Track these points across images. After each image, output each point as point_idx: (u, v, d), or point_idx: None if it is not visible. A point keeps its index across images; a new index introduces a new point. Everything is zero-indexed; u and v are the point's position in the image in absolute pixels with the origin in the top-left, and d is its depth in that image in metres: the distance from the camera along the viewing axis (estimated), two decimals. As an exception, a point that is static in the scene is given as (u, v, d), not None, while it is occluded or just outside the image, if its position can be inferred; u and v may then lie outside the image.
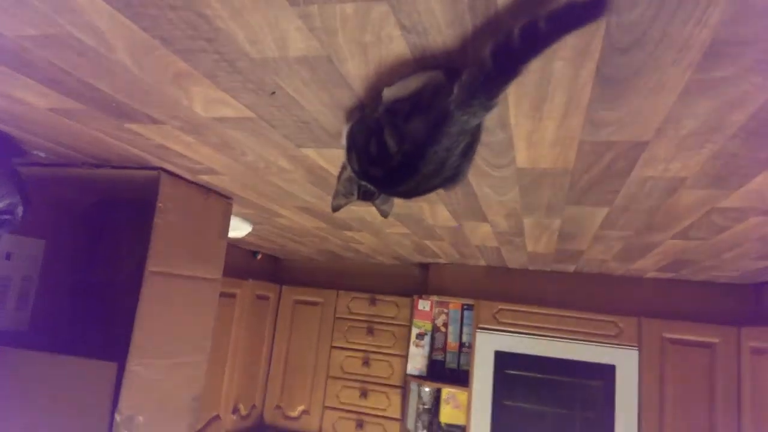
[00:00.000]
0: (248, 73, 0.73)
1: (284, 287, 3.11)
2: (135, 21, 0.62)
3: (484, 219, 1.56)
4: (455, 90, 0.58)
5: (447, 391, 2.53)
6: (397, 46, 0.62)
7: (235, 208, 1.71)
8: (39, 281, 1.47)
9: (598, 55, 0.60)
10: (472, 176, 1.13)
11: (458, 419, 2.51)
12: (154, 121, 0.97)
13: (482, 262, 2.67)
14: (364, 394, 2.83)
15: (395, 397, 2.76)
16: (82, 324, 1.38)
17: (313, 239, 2.37)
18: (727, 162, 0.90)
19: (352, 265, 3.21)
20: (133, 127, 1.01)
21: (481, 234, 1.82)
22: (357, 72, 0.70)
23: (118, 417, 1.19)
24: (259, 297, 2.90)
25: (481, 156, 0.99)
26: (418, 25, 0.57)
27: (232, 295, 2.65)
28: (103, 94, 0.85)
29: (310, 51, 0.65)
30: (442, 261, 2.77)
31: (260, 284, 2.89)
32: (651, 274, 2.45)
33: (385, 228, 1.90)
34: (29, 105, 0.95)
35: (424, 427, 2.55)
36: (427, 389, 2.57)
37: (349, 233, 2.10)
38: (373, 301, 2.94)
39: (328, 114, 0.85)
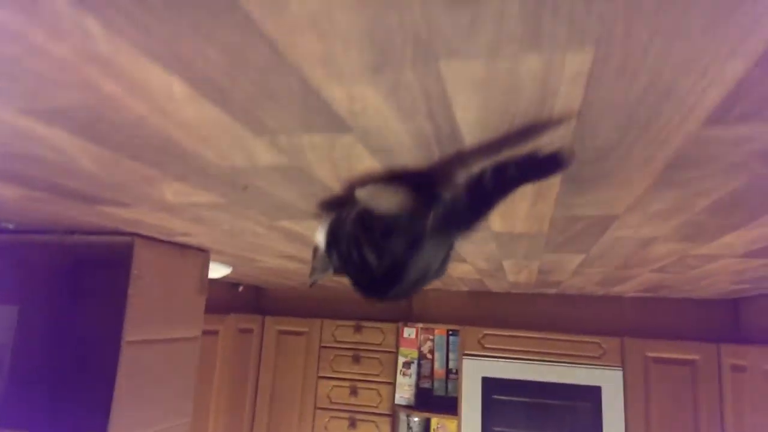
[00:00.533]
0: (219, 176, 0.72)
1: (267, 318, 3.08)
2: (100, 145, 0.61)
3: (464, 261, 1.57)
4: (431, 217, 0.58)
5: (436, 420, 2.53)
6: (366, 163, 0.62)
7: (212, 256, 1.69)
8: (13, 349, 1.44)
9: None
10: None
11: None
12: (125, 205, 0.96)
13: (465, 288, 2.68)
14: (353, 424, 2.82)
15: (385, 426, 2.76)
16: (59, 394, 1.35)
17: (295, 275, 2.36)
18: (696, 228, 0.92)
19: (336, 292, 3.20)
20: (105, 209, 1.00)
21: (461, 270, 1.83)
22: (329, 176, 0.70)
23: (100, 494, 1.16)
24: (242, 330, 2.87)
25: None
26: (386, 147, 0.57)
27: (215, 332, 2.61)
28: (71, 188, 0.84)
29: (279, 163, 0.65)
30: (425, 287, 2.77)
31: (243, 317, 2.86)
32: (632, 294, 2.49)
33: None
34: (-5, 195, 0.93)
35: (414, 457, 2.54)
36: (416, 419, 2.57)
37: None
38: (358, 329, 2.93)
39: (303, 200, 0.85)
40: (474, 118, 0.48)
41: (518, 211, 0.86)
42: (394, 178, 0.65)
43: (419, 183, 0.63)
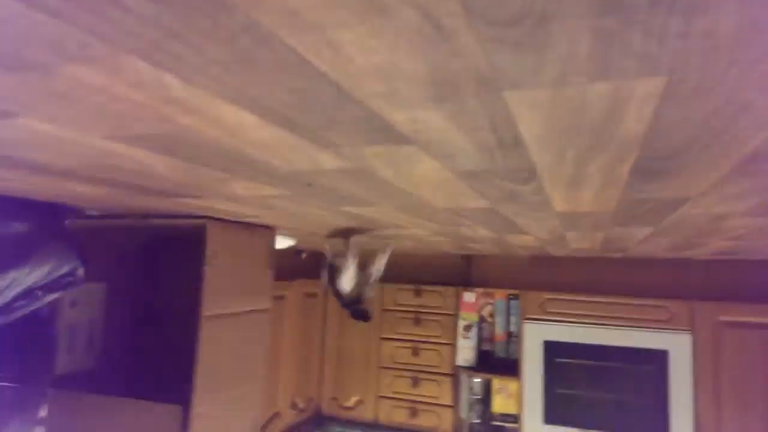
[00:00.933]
0: (285, 177, 0.75)
1: (331, 283, 3.18)
2: (175, 158, 0.64)
3: (525, 233, 1.56)
4: None
5: (497, 381, 2.58)
6: (428, 164, 0.63)
7: (278, 231, 1.76)
8: (103, 323, 1.57)
9: (633, 160, 0.59)
10: (512, 213, 1.13)
11: (510, 408, 2.56)
12: (198, 197, 1.01)
13: (525, 253, 2.65)
14: (415, 382, 2.91)
15: (446, 385, 2.83)
16: (145, 364, 1.47)
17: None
18: (777, 206, 0.87)
19: (395, 257, 3.25)
20: (179, 200, 1.06)
21: (521, 240, 1.82)
22: (390, 175, 0.71)
23: (189, 455, 1.28)
24: (307, 295, 2.99)
25: (519, 206, 0.99)
26: (448, 153, 0.58)
27: (282, 297, 2.74)
28: (149, 188, 0.90)
29: (342, 166, 0.67)
30: (484, 252, 2.77)
31: (308, 282, 2.97)
32: (703, 256, 2.39)
33: (427, 237, 1.91)
34: (84, 192, 1.01)
35: (477, 417, 2.61)
36: (477, 380, 2.62)
37: (392, 240, 2.12)
38: (418, 293, 2.98)
39: (365, 192, 0.87)
40: (538, 132, 0.48)
41: (583, 197, 0.84)
42: None
43: None
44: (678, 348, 2.35)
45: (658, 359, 2.37)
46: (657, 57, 0.32)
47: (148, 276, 1.57)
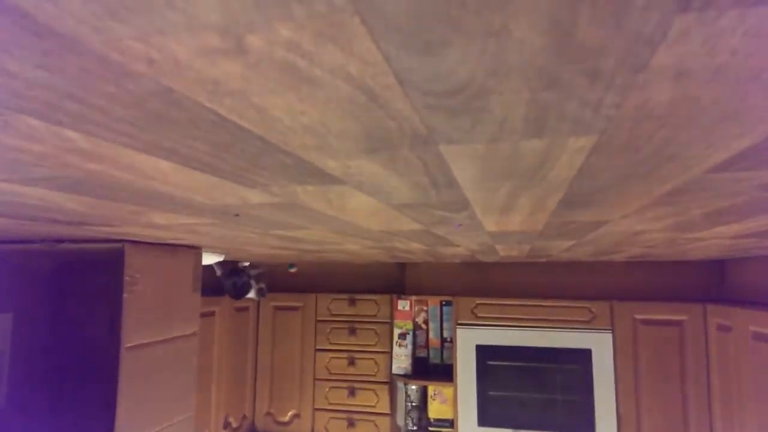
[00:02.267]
0: (209, 211, 0.71)
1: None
2: (84, 195, 0.59)
3: (456, 246, 1.58)
4: None
5: (433, 387, 2.60)
6: (362, 199, 0.61)
7: (204, 248, 1.68)
8: (11, 356, 1.43)
9: (561, 196, 0.60)
10: (444, 233, 1.13)
11: (446, 413, 2.59)
12: (114, 226, 0.94)
13: (457, 260, 2.70)
14: (352, 392, 2.89)
15: (383, 393, 2.83)
16: (63, 401, 1.36)
17: (288, 258, 2.36)
18: (688, 224, 0.92)
19: (329, 267, 3.22)
20: (92, 228, 0.98)
21: (453, 251, 1.84)
22: (323, 207, 0.68)
23: (112, 497, 1.19)
24: (238, 309, 2.89)
25: (453, 231, 0.99)
26: (381, 191, 0.56)
27: (211, 313, 2.63)
28: (59, 220, 0.82)
29: (272, 201, 0.63)
30: (417, 260, 2.80)
31: (238, 297, 2.87)
32: (620, 260, 2.53)
33: (360, 251, 1.90)
34: (-22, 222, 0.91)
35: (414, 424, 2.63)
36: (413, 387, 2.64)
37: (323, 254, 2.09)
38: (352, 302, 2.96)
39: (296, 219, 0.84)
40: (472, 175, 0.47)
41: (513, 220, 0.86)
42: None
43: None
44: (600, 346, 2.47)
45: (582, 358, 2.49)
46: (590, 121, 0.31)
47: (62, 304, 1.45)
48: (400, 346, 2.73)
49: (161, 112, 0.29)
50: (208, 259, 2.01)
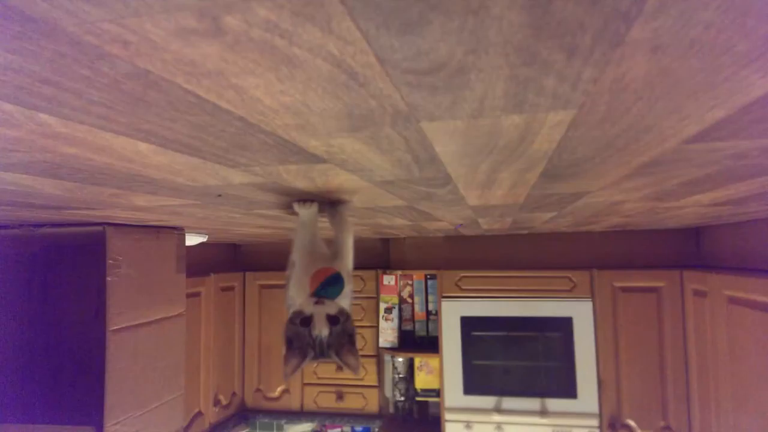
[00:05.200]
0: (190, 192, 0.70)
1: (247, 274, 3.10)
2: (62, 180, 0.58)
3: (439, 220, 1.59)
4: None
5: (419, 359, 2.65)
6: (344, 177, 0.61)
7: (187, 229, 1.67)
8: (-5, 343, 1.42)
9: (541, 169, 0.60)
10: (427, 208, 1.14)
11: (432, 384, 2.64)
12: (94, 209, 0.93)
13: (440, 234, 2.72)
14: (340, 367, 2.92)
15: (371, 366, 2.87)
16: (51, 386, 1.36)
17: (273, 236, 2.35)
18: (665, 193, 0.94)
19: (312, 244, 3.21)
20: (73, 212, 0.97)
21: (437, 225, 1.86)
22: (306, 185, 0.68)
23: (105, 477, 1.20)
24: (224, 288, 2.89)
25: (434, 203, 1.00)
26: (364, 169, 0.56)
27: (197, 294, 2.63)
28: (38, 204, 0.81)
29: (254, 181, 0.63)
30: (402, 235, 2.81)
31: (223, 276, 2.87)
32: (600, 229, 2.57)
33: (343, 227, 1.90)
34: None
35: (401, 395, 2.68)
36: (400, 359, 2.68)
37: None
38: (338, 278, 2.97)
39: (280, 198, 0.84)
40: (453, 152, 0.47)
41: (494, 194, 0.86)
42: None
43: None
44: (581, 314, 2.53)
45: (564, 326, 2.54)
46: (569, 96, 0.32)
47: (45, 290, 1.43)
48: (386, 320, 2.76)
49: (138, 94, 0.29)
50: (192, 240, 1.99)
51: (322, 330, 0.81)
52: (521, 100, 0.32)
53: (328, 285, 0.85)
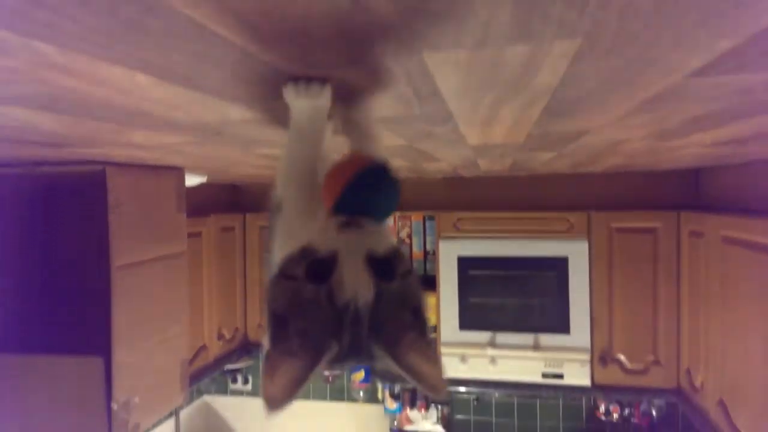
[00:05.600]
0: (189, 128, 0.70)
1: (248, 215, 3.11)
2: (61, 114, 0.57)
3: (438, 160, 1.58)
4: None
5: (417, 298, 2.71)
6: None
7: (187, 169, 1.66)
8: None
9: (544, 104, 0.60)
10: (427, 148, 1.14)
11: (430, 321, 2.72)
12: (93, 146, 0.92)
13: (439, 176, 2.72)
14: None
15: (369, 305, 2.94)
16: (57, 319, 1.39)
17: (273, 175, 2.35)
18: (668, 132, 0.93)
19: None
20: (73, 150, 0.96)
21: (435, 167, 1.85)
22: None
23: (114, 405, 1.26)
24: (224, 229, 2.92)
25: (435, 143, 0.99)
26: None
27: (198, 234, 2.65)
28: (36, 140, 0.80)
29: (253, 117, 0.62)
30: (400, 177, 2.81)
31: (223, 217, 2.89)
32: (598, 170, 2.57)
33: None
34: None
35: (399, 332, 2.75)
36: (398, 298, 2.74)
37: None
38: (337, 219, 2.99)
39: (281, 137, 0.83)
40: (456, 85, 0.47)
41: (495, 133, 0.86)
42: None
43: None
44: (576, 254, 2.56)
45: (559, 265, 2.59)
46: (575, 23, 0.31)
47: (47, 228, 1.44)
48: (385, 259, 2.80)
49: (135, 19, 0.28)
50: (191, 180, 1.99)
51: (359, 290, 0.41)
52: (527, 29, 0.32)
53: (370, 189, 0.47)
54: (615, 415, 2.75)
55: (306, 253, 0.42)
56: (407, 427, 3.03)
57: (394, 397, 3.05)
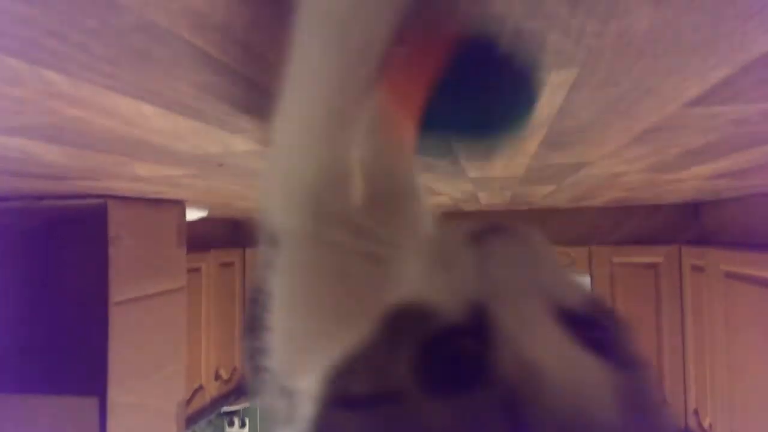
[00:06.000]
0: (192, 160, 0.71)
1: (248, 250, 3.11)
2: (65, 146, 0.58)
3: (439, 194, 1.59)
4: None
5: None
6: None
7: (188, 203, 1.67)
8: (-1, 315, 1.44)
9: (542, 136, 0.61)
10: (429, 180, 1.14)
11: None
12: (96, 179, 0.93)
13: (439, 211, 2.73)
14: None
15: (370, 342, 2.90)
16: (50, 357, 1.38)
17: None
18: (666, 164, 0.94)
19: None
20: (75, 182, 0.97)
21: (436, 201, 1.86)
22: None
23: (110, 444, 1.23)
24: (224, 265, 2.91)
25: (436, 175, 1.00)
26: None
27: (197, 269, 2.64)
28: (40, 173, 0.81)
29: (257, 149, 0.63)
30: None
31: (223, 252, 2.88)
32: (599, 205, 2.58)
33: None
34: (-45, 180, 0.89)
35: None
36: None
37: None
38: (337, 254, 2.98)
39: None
40: (456, 115, 0.47)
41: (495, 165, 0.87)
42: None
43: None
44: (579, 289, 2.54)
45: (562, 301, 2.56)
46: (572, 53, 0.32)
47: (46, 262, 1.44)
48: (385, 295, 2.78)
49: (143, 49, 0.29)
50: (192, 215, 2.00)
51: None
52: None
53: (491, 75, 0.26)
54: (622, 456, 2.66)
55: (409, 321, 0.19)
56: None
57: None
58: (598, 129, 0.57)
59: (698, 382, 2.19)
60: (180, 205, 1.54)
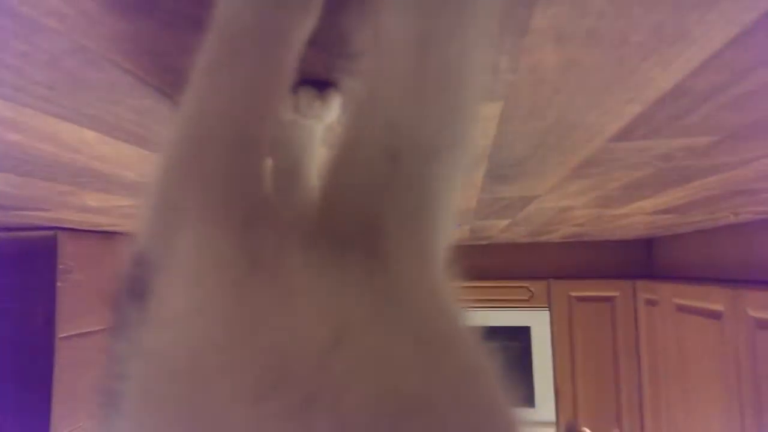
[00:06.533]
0: (140, 190, 0.70)
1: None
2: (7, 173, 0.57)
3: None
4: None
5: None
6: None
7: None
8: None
9: (485, 168, 0.63)
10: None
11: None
12: (45, 210, 0.91)
13: (402, 244, 2.75)
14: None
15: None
16: (3, 393, 1.30)
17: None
18: (609, 199, 0.99)
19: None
20: (23, 213, 0.94)
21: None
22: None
23: (50, 491, 1.16)
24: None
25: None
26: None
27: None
28: (-21, 202, 0.79)
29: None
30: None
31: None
32: (556, 240, 2.65)
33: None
34: None
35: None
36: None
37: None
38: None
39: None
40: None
41: (447, 197, 0.89)
42: None
43: None
44: (538, 323, 2.58)
45: (522, 335, 2.59)
46: (493, 86, 0.34)
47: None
48: (347, 331, 2.75)
49: (76, 73, 0.30)
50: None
51: None
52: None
53: None
54: (584, 492, 2.66)
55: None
56: None
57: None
58: (536, 162, 0.60)
59: (654, 414, 2.22)
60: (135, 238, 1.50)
